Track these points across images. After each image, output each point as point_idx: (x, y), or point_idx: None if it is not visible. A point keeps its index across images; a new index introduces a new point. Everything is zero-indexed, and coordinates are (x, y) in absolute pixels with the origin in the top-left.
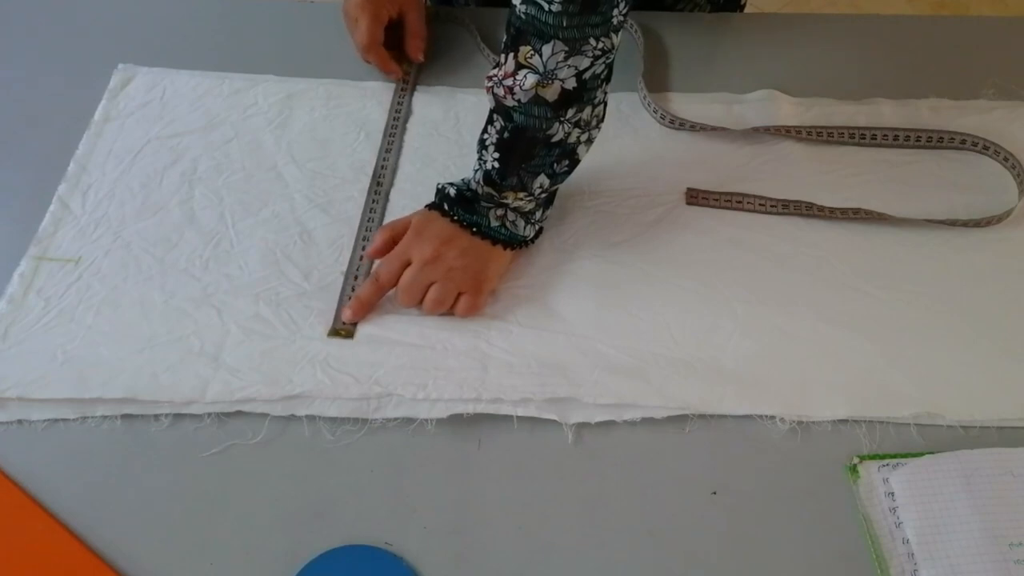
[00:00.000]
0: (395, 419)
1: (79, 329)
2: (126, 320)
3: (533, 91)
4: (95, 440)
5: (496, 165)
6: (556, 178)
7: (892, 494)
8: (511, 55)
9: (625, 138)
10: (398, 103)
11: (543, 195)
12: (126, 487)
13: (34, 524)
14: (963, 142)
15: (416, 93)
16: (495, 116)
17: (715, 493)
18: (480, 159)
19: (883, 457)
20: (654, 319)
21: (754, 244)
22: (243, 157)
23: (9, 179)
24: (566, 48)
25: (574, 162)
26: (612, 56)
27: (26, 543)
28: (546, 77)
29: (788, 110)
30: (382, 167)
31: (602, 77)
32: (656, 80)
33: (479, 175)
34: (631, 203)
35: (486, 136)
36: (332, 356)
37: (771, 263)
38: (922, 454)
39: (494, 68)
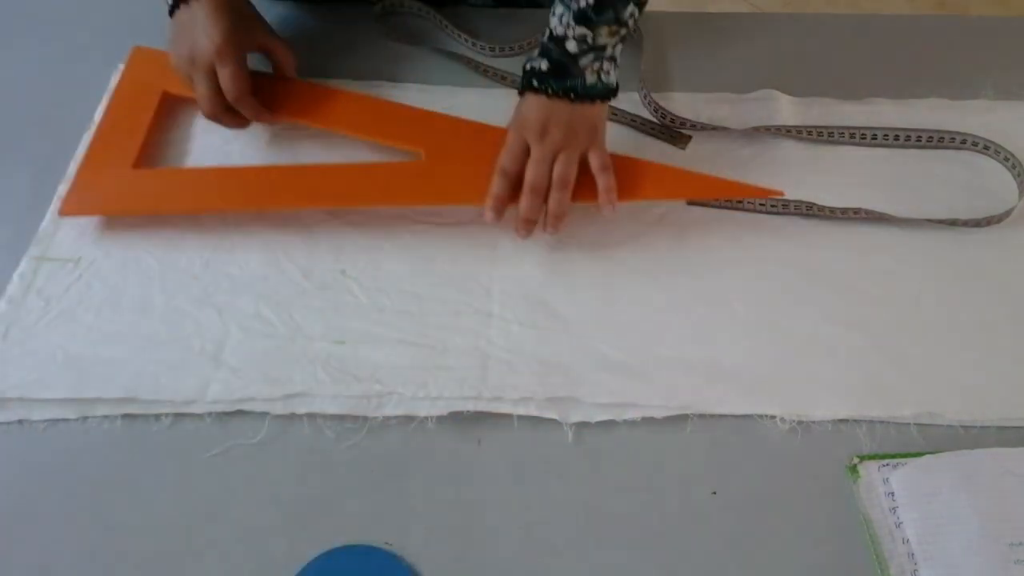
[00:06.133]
0: (395, 417)
1: (79, 329)
2: (126, 320)
3: None
4: (95, 440)
5: (591, 1)
6: (640, 7)
7: (892, 494)
8: None
9: (625, 138)
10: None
11: (632, 23)
12: (126, 487)
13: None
14: (963, 142)
15: (416, 93)
16: None
17: (715, 493)
18: (566, 4)
19: (883, 457)
20: (654, 319)
21: (754, 244)
22: (243, 157)
23: (9, 179)
24: None
25: None
26: None
27: None
28: None
29: (788, 110)
30: None
31: None
32: (656, 80)
33: (568, 17)
34: (631, 203)
35: None
36: (333, 355)
37: (771, 263)
38: (922, 454)
39: None
